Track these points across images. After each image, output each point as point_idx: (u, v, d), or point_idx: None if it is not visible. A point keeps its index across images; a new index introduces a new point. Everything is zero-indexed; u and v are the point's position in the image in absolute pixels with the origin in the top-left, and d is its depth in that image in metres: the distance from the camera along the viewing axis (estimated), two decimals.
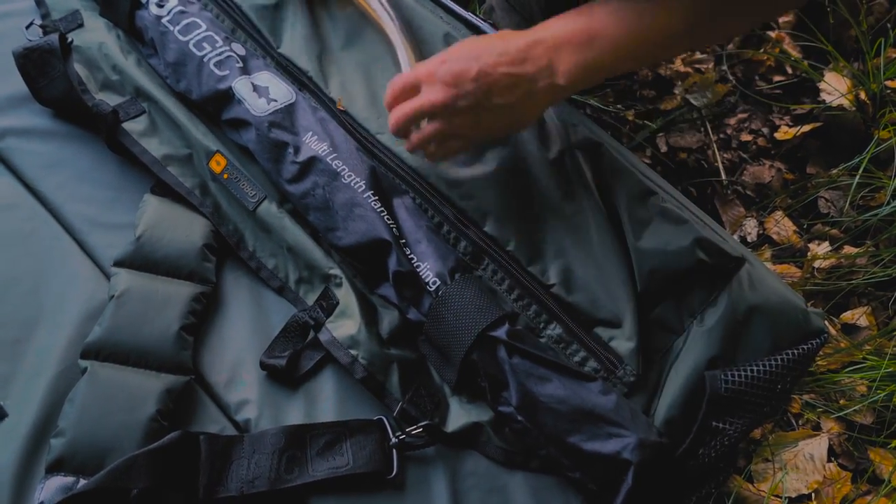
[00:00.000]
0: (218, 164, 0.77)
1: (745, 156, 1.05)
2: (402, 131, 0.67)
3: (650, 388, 0.67)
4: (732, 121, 1.07)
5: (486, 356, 0.65)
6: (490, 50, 0.61)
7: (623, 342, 0.67)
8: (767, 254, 0.97)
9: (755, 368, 0.63)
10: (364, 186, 0.71)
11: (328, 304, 0.71)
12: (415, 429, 0.64)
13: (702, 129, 1.07)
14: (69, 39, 0.82)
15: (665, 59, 1.03)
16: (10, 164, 0.78)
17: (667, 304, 0.68)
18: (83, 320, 0.68)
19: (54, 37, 0.80)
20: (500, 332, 0.65)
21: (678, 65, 1.11)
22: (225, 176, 0.76)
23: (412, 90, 0.65)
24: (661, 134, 1.07)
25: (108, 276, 0.72)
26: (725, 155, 1.05)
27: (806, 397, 0.86)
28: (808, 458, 0.85)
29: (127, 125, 0.78)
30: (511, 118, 0.65)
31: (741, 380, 0.62)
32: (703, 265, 0.66)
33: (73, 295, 0.70)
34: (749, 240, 0.98)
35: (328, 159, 0.73)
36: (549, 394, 0.62)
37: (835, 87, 1.04)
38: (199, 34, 0.80)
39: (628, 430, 0.61)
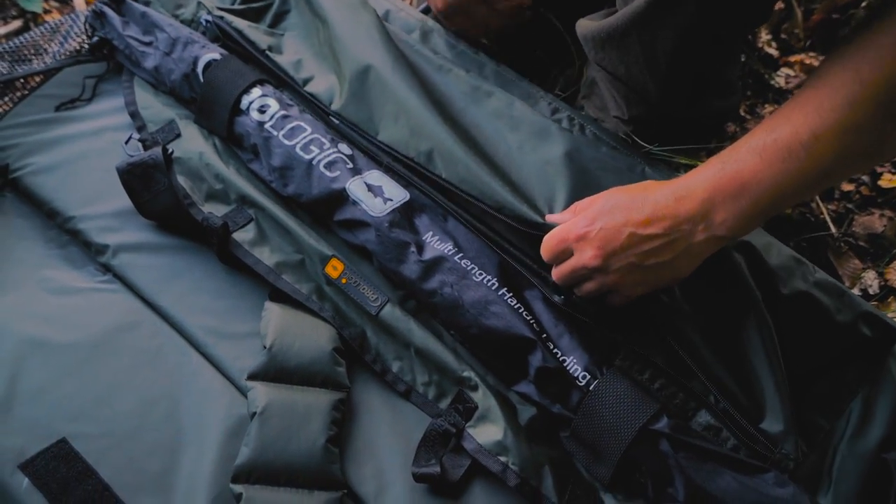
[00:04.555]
0: (335, 269, 0.76)
1: (850, 206, 1.04)
2: (568, 285, 0.68)
3: (814, 473, 0.64)
4: None
5: (647, 451, 0.63)
6: (639, 209, 0.60)
7: (775, 424, 0.65)
8: (895, 306, 0.94)
9: None
10: (497, 283, 0.71)
11: (465, 408, 0.69)
12: None
13: None
14: (170, 151, 0.82)
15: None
16: (128, 280, 0.77)
17: (823, 381, 0.66)
18: (225, 439, 0.67)
19: (157, 151, 0.79)
20: (661, 426, 0.63)
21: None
22: (343, 280, 0.75)
23: (567, 249, 0.65)
24: None
25: (240, 389, 0.71)
26: (830, 206, 1.04)
27: None
28: None
29: (237, 235, 0.77)
30: (668, 273, 0.63)
31: None
32: (865, 340, 0.64)
33: (210, 413, 0.69)
34: (871, 292, 0.96)
35: (455, 258, 0.72)
36: (722, 488, 0.61)
37: None
38: (305, 137, 0.80)
39: None
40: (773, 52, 1.22)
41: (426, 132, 0.77)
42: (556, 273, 0.67)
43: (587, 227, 0.62)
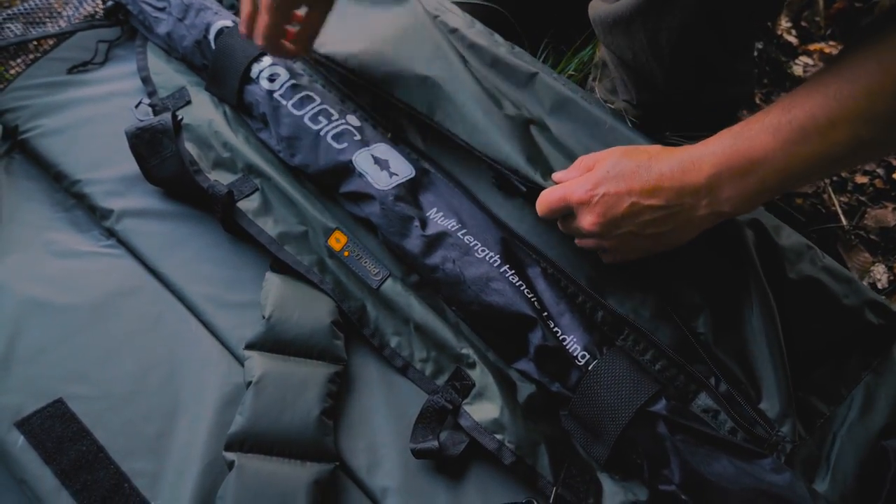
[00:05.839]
0: (338, 242, 0.76)
1: (863, 199, 1.02)
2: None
3: (813, 458, 0.64)
4: None
5: (644, 432, 0.63)
6: (644, 178, 0.59)
7: (773, 406, 0.64)
8: None
9: None
10: (499, 260, 0.70)
11: (462, 385, 0.69)
12: None
13: None
14: (180, 117, 0.82)
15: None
16: (130, 245, 0.77)
17: (826, 367, 0.65)
18: (221, 407, 0.67)
19: (167, 116, 0.79)
20: (659, 408, 0.62)
21: None
22: (346, 254, 0.75)
23: (567, 209, 0.65)
24: None
25: (238, 359, 0.71)
26: (842, 198, 1.02)
27: None
28: None
29: (241, 204, 0.77)
30: (664, 242, 0.64)
31: None
32: (870, 327, 0.63)
33: (208, 380, 0.69)
34: (879, 286, 0.94)
35: (458, 234, 0.72)
36: (718, 472, 0.60)
37: None
38: (313, 108, 0.79)
39: None
40: (792, 39, 1.20)
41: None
42: (560, 226, 0.69)
43: (590, 191, 0.62)
